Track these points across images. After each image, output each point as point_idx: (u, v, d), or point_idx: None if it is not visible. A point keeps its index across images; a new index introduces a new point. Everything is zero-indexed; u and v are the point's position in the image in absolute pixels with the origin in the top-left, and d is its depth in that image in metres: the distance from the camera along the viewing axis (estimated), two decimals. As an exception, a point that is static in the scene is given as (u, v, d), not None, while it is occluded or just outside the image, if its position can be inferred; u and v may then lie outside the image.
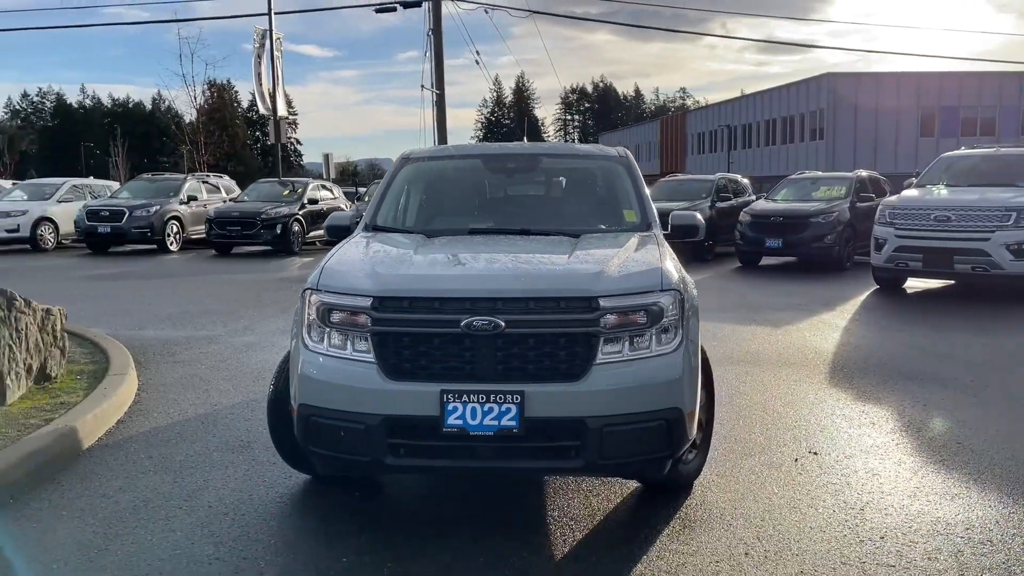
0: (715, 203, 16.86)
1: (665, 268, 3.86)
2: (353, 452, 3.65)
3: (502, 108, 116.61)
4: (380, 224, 4.89)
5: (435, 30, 23.81)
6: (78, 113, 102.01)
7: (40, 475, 4.42)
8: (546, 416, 3.51)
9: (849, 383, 6.43)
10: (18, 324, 5.66)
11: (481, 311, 3.53)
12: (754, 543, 3.63)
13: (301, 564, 3.47)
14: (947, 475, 4.44)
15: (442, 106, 24.07)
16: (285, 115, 22.04)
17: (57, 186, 20.47)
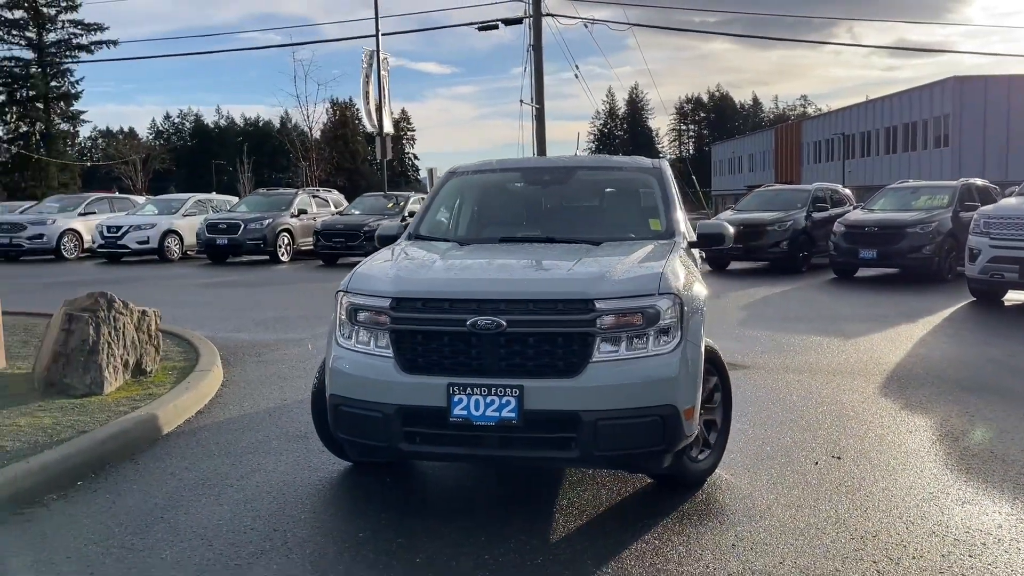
0: (810, 213, 16.57)
1: (666, 273, 4.07)
2: (373, 438, 4.05)
3: (614, 120, 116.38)
4: (422, 233, 5.30)
5: (535, 46, 24.31)
6: (213, 133, 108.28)
7: (122, 454, 5.02)
8: (543, 409, 3.80)
9: (900, 393, 6.39)
10: (116, 324, 6.36)
11: (486, 312, 3.86)
12: (745, 536, 3.79)
13: (321, 536, 3.88)
14: (967, 482, 4.45)
15: (541, 120, 24.52)
16: (391, 132, 22.98)
17: (183, 201, 22.06)
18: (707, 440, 4.50)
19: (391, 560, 3.61)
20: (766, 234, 15.97)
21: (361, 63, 22.57)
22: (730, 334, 9.13)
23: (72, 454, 4.68)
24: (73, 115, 68.95)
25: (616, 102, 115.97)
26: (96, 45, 67.55)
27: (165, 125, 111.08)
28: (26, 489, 4.30)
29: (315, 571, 3.51)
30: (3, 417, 5.38)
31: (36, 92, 65.83)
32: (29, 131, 66.81)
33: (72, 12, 67.17)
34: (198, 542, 3.80)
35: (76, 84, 68.28)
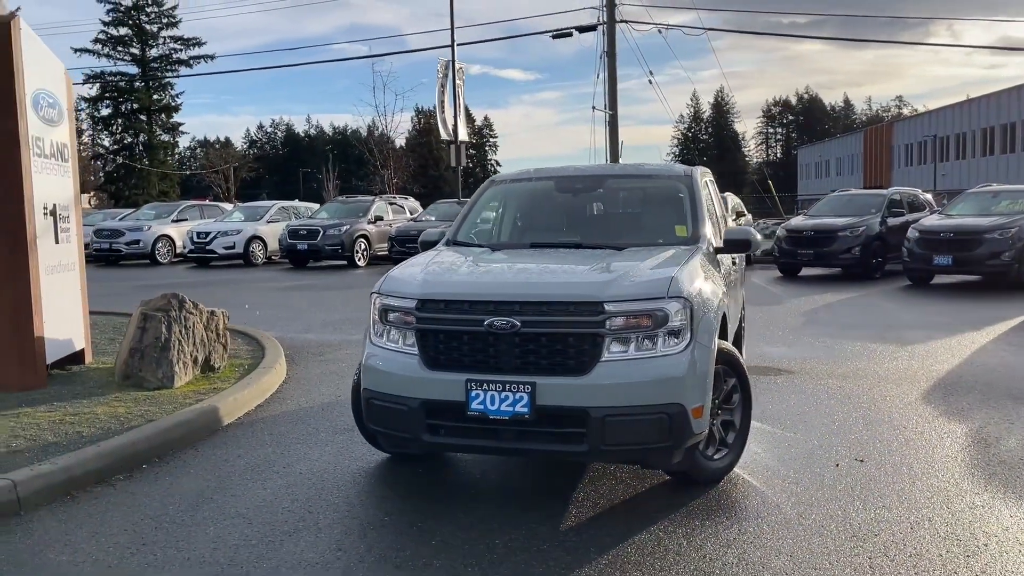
0: (885, 219, 16.24)
1: (677, 278, 4.26)
2: (399, 430, 4.37)
3: (699, 124, 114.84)
4: (459, 239, 5.60)
5: (609, 52, 24.45)
6: (303, 141, 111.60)
7: (184, 442, 5.47)
8: (554, 405, 4.04)
9: (943, 399, 6.36)
10: (186, 323, 6.87)
11: (502, 313, 4.13)
12: (748, 531, 3.94)
13: (350, 518, 4.20)
14: (986, 487, 4.47)
15: (614, 126, 24.63)
16: (466, 139, 23.49)
17: (267, 208, 23.04)
18: (724, 439, 4.65)
19: (408, 541, 3.90)
20: (837, 240, 15.74)
21: (437, 73, 23.18)
22: (783, 339, 9.15)
23: (138, 440, 5.15)
24: (173, 126, 72.14)
25: (701, 105, 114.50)
26: (194, 59, 70.66)
27: (258, 135, 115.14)
28: (96, 470, 4.77)
29: (338, 548, 3.82)
30: (83, 406, 5.91)
31: (139, 105, 69.19)
32: (133, 142, 70.25)
33: (172, 28, 70.37)
34: (240, 520, 4.17)
35: (176, 97, 71.44)
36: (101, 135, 71.16)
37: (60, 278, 7.03)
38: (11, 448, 4.96)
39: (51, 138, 6.94)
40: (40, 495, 4.41)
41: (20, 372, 6.42)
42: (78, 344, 7.35)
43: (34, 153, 6.59)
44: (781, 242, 16.54)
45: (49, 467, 4.57)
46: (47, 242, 6.78)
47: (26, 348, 6.41)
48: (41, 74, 6.82)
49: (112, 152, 69.86)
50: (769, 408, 6.20)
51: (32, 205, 6.46)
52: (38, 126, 6.70)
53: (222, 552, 3.79)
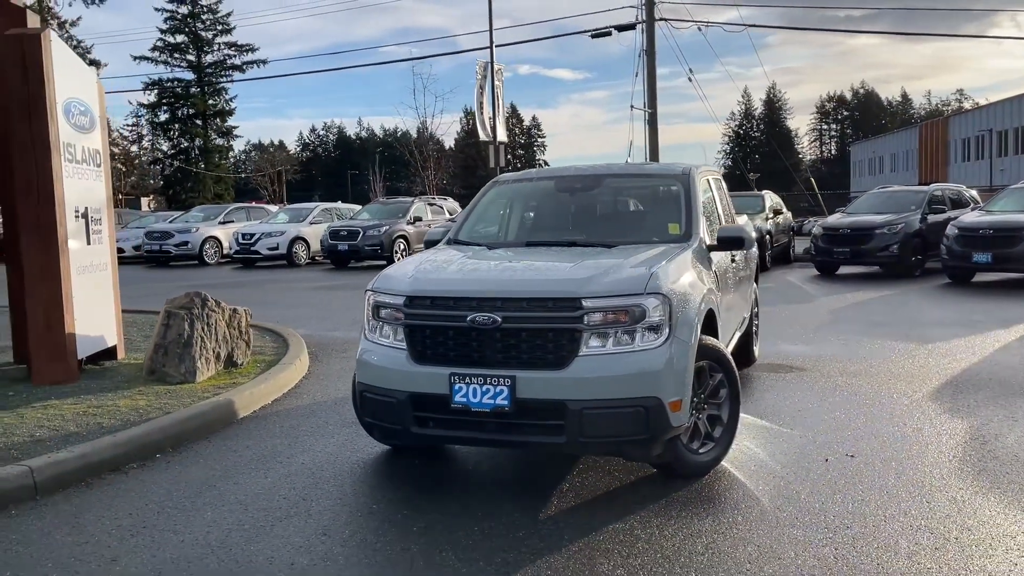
0: (926, 216, 15.96)
1: (656, 274, 4.35)
2: (390, 422, 4.55)
3: (751, 121, 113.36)
4: (460, 238, 5.76)
5: (648, 51, 24.40)
6: (355, 144, 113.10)
7: (199, 434, 5.73)
8: (533, 398, 4.17)
9: (952, 397, 6.32)
10: (209, 320, 7.15)
11: (484, 309, 4.28)
12: (723, 522, 4.02)
13: (341, 505, 4.39)
14: (973, 483, 4.47)
15: (654, 124, 24.58)
16: (504, 140, 23.67)
17: (310, 210, 23.54)
18: (710, 434, 4.73)
19: (391, 527, 4.07)
20: (874, 237, 15.52)
21: (476, 74, 23.40)
22: (804, 337, 9.12)
23: (153, 431, 5.41)
24: (227, 130, 73.87)
25: (752, 102, 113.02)
26: (248, 64, 72.25)
27: (311, 137, 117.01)
28: (111, 458, 5.04)
29: (324, 533, 4.01)
30: (108, 399, 6.22)
31: (195, 110, 71.03)
32: (189, 146, 72.13)
33: (227, 35, 72.08)
34: (237, 507, 4.38)
35: (230, 102, 73.19)
36: (160, 140, 73.11)
37: (92, 277, 7.37)
38: (35, 437, 5.26)
39: (83, 144, 7.29)
40: (56, 481, 4.69)
41: (52, 366, 6.77)
42: (110, 340, 7.69)
43: (65, 159, 6.93)
44: (817, 240, 16.36)
45: (66, 455, 4.85)
46: (79, 243, 7.12)
47: (58, 344, 6.75)
48: (73, 83, 7.16)
49: (169, 156, 71.77)
50: (772, 404, 6.24)
51: (64, 208, 6.80)
52: (70, 133, 7.04)
53: (215, 535, 4.01)
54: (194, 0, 71.25)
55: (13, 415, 5.77)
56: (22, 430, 5.41)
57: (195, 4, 71.33)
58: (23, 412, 5.85)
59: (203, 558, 3.76)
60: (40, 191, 6.65)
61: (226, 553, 3.80)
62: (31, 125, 6.62)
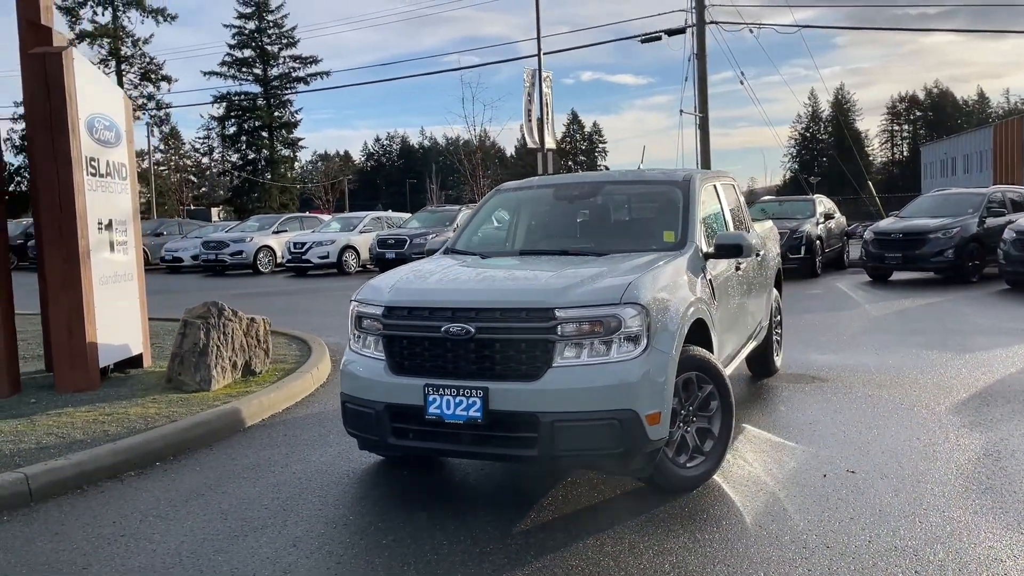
0: (984, 219, 15.34)
1: (635, 284, 4.24)
2: (368, 432, 4.54)
3: (817, 123, 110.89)
4: (457, 248, 5.72)
5: (699, 55, 24.07)
6: (417, 153, 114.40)
7: (203, 441, 5.81)
8: (506, 410, 4.10)
9: (976, 410, 6.02)
10: (225, 329, 7.26)
11: (459, 319, 4.23)
12: (700, 539, 3.88)
13: (318, 516, 4.37)
14: (973, 502, 4.24)
15: (705, 129, 24.21)
16: (553, 147, 23.60)
17: (361, 218, 23.84)
18: (700, 447, 4.59)
19: (360, 539, 4.05)
20: (928, 242, 14.97)
21: (523, 82, 23.41)
22: (835, 346, 8.83)
23: (154, 439, 5.51)
24: (292, 142, 75.51)
25: (819, 104, 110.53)
26: (312, 76, 73.79)
27: (375, 147, 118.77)
28: (109, 466, 5.14)
29: (294, 544, 4.00)
30: (120, 407, 6.35)
31: (261, 122, 72.84)
32: (256, 157, 73.97)
33: (291, 48, 73.77)
34: (217, 516, 4.42)
35: (295, 114, 74.86)
36: (229, 152, 75.13)
37: (117, 287, 7.56)
38: (40, 444, 5.40)
39: (108, 158, 7.49)
40: (52, 488, 4.79)
41: (74, 374, 6.95)
42: (135, 349, 7.87)
43: (88, 172, 7.13)
44: (868, 245, 15.86)
45: (63, 462, 4.96)
46: (102, 254, 7.31)
47: (79, 352, 6.93)
48: (97, 100, 7.37)
49: (237, 167, 73.70)
50: (783, 416, 6.05)
51: (85, 220, 6.99)
52: (93, 147, 7.24)
53: (188, 545, 4.04)
54: (261, 15, 73.18)
55: (26, 422, 5.94)
56: (31, 437, 5.56)
57: (262, 19, 73.23)
58: (37, 419, 6.02)
59: (170, 568, 3.79)
60: (62, 203, 6.85)
61: (193, 563, 3.83)
62: (53, 140, 6.83)
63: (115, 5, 65.23)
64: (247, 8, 72.96)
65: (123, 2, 65.27)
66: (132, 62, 66.54)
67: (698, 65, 24.09)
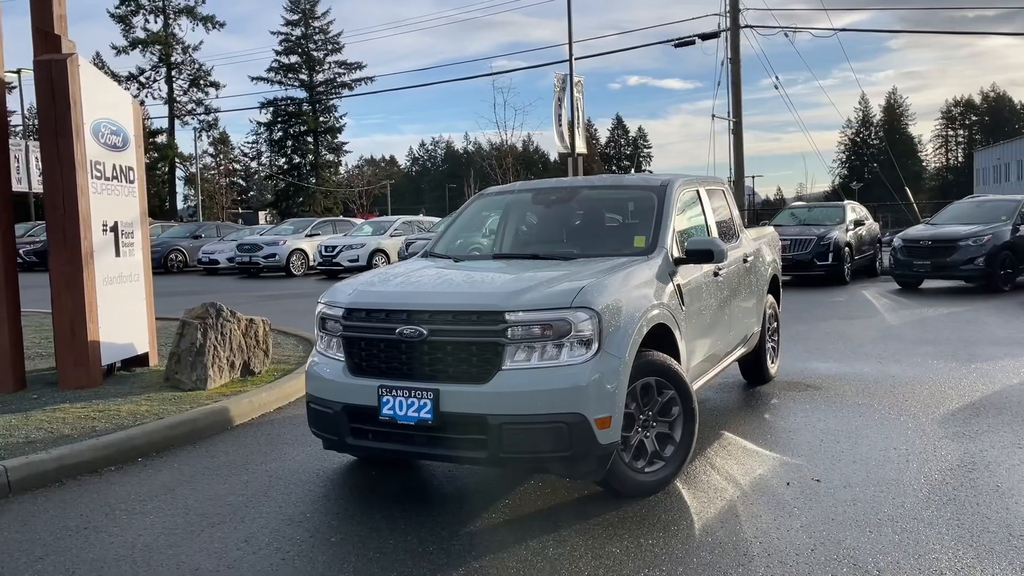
0: (1018, 227, 14.94)
1: (587, 288, 4.24)
2: (328, 432, 4.61)
3: (868, 128, 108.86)
4: (435, 251, 5.78)
5: (733, 59, 23.85)
6: (461, 157, 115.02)
7: (187, 439, 5.94)
8: (455, 412, 4.14)
9: (964, 421, 5.88)
10: (223, 330, 7.41)
11: (413, 321, 4.28)
12: (643, 545, 3.87)
13: (276, 513, 4.44)
14: (932, 515, 4.15)
15: (739, 135, 23.97)
16: (584, 152, 23.56)
17: (391, 223, 24.07)
18: (659, 453, 4.57)
19: (311, 538, 4.10)
20: (958, 250, 14.62)
21: (554, 87, 23.44)
22: (839, 355, 8.69)
23: (136, 436, 5.65)
24: (337, 146, 76.59)
25: (871, 108, 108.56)
26: (356, 82, 74.75)
27: (420, 152, 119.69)
28: (90, 461, 5.28)
29: (245, 540, 4.07)
30: (114, 404, 6.52)
31: (307, 127, 74.00)
32: (301, 162, 75.15)
33: (336, 54, 74.82)
34: (180, 511, 4.52)
35: (339, 119, 75.93)
36: (277, 156, 76.40)
37: (122, 288, 7.76)
38: (28, 438, 5.57)
39: (114, 162, 7.70)
40: (31, 481, 4.95)
41: (76, 372, 7.16)
42: (141, 348, 8.07)
43: (93, 176, 7.34)
44: (896, 253, 15.54)
45: (44, 456, 5.11)
46: (107, 255, 7.52)
47: (80, 350, 7.13)
48: (104, 105, 7.59)
49: (282, 172, 74.92)
50: (764, 423, 5.98)
51: (88, 222, 7.20)
52: (99, 151, 7.45)
53: (144, 539, 4.14)
54: (307, 22, 74.37)
55: (21, 417, 6.13)
56: (21, 432, 5.73)
57: (308, 26, 74.42)
58: (32, 414, 6.21)
59: (119, 560, 3.89)
60: (65, 206, 7.07)
61: (143, 556, 3.93)
62: (57, 144, 7.05)
63: (166, 13, 66.85)
64: (294, 15, 74.24)
65: (174, 10, 66.89)
66: (182, 69, 68.08)
67: (732, 70, 23.88)
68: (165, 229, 29.37)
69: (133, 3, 65.37)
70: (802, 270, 16.87)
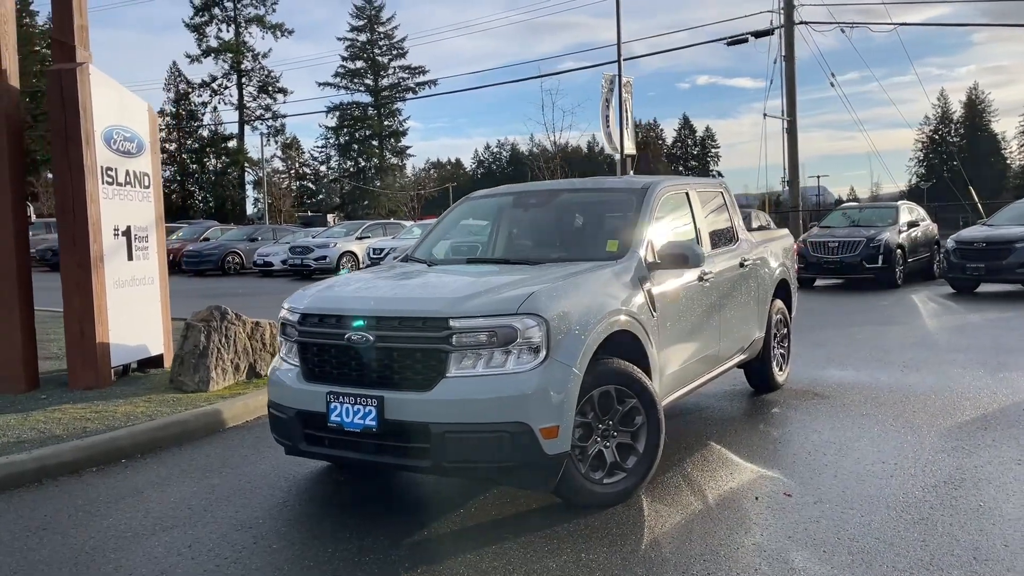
0: (1080, 227, 14.16)
1: (536, 295, 4.13)
2: (284, 437, 4.60)
3: (948, 125, 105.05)
4: (415, 256, 5.73)
5: (787, 57, 23.27)
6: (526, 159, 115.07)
7: (177, 441, 6.01)
8: (399, 419, 4.08)
9: (970, 435, 5.55)
10: (227, 332, 7.50)
11: (362, 328, 4.23)
12: (580, 560, 3.73)
13: (228, 519, 4.43)
14: (897, 535, 3.91)
15: (793, 134, 23.36)
16: (632, 153, 23.28)
17: (439, 225, 24.15)
18: (620, 464, 4.42)
19: (255, 544, 4.07)
20: (1013, 252, 13.92)
21: (601, 88, 23.19)
22: (861, 362, 8.34)
23: (121, 437, 5.74)
24: (400, 150, 77.58)
25: (950, 105, 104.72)
26: (419, 86, 75.59)
27: (485, 155, 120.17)
28: (71, 462, 5.38)
29: (190, 545, 4.07)
30: (112, 405, 6.65)
31: (371, 131, 75.15)
32: (366, 166, 76.35)
33: (401, 59, 75.81)
34: (139, 514, 4.55)
35: (403, 123, 76.88)
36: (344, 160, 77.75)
37: (135, 291, 7.92)
38: (18, 438, 5.71)
39: (127, 168, 7.87)
40: (9, 480, 5.06)
41: (85, 372, 7.33)
42: (155, 350, 8.23)
43: (104, 181, 7.52)
44: (950, 255, 14.89)
45: (24, 457, 5.23)
46: (118, 259, 7.69)
47: (89, 352, 7.30)
48: (117, 112, 7.76)
49: (348, 175, 76.20)
50: (756, 434, 5.76)
51: (98, 227, 7.37)
52: (110, 157, 7.63)
53: (93, 542, 4.18)
54: (372, 27, 75.51)
55: (20, 417, 6.30)
56: (15, 431, 5.88)
57: (373, 31, 75.55)
58: (32, 414, 6.37)
59: (61, 563, 3.93)
60: (75, 210, 7.25)
61: (88, 559, 3.96)
62: (68, 151, 7.24)
63: (237, 22, 68.68)
64: (359, 21, 75.47)
65: (245, 19, 68.68)
66: (251, 76, 69.85)
67: (786, 67, 23.30)
68: (224, 232, 30.11)
69: (207, 13, 67.47)
70: (851, 273, 16.33)
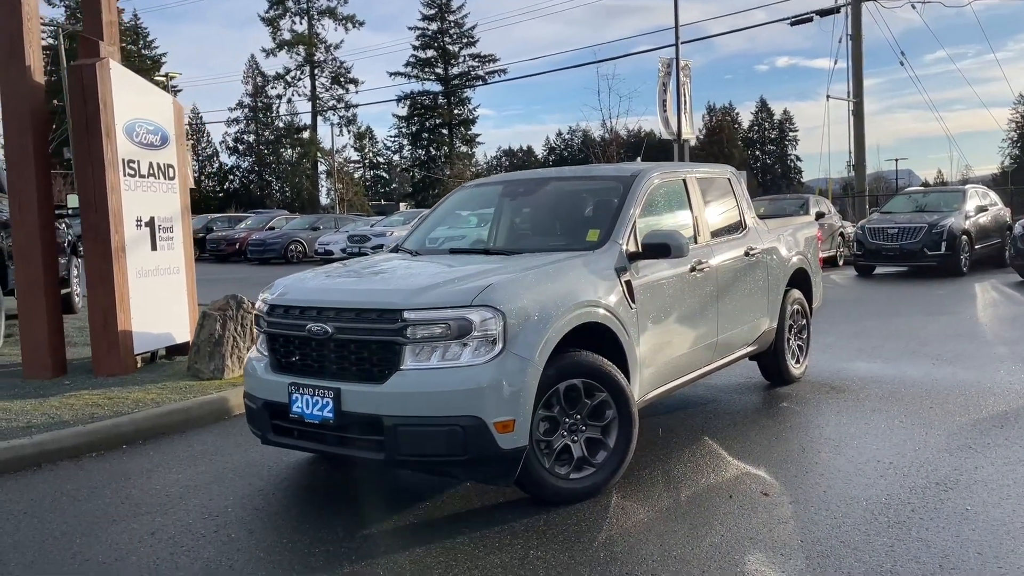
0: None
1: (494, 286, 4.04)
2: (255, 427, 4.63)
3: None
4: (405, 246, 5.69)
5: (854, 36, 22.43)
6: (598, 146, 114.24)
7: (180, 427, 6.12)
8: (355, 412, 4.05)
9: (981, 434, 5.23)
10: (243, 322, 7.62)
11: (322, 319, 4.22)
12: (527, 557, 3.64)
13: (197, 508, 4.47)
14: (869, 537, 3.70)
15: (860, 115, 22.51)
16: (690, 138, 22.80)
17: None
18: (588, 459, 4.31)
19: (215, 534, 4.09)
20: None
21: (658, 72, 22.75)
22: (892, 355, 7.98)
23: (123, 423, 5.87)
24: (470, 138, 77.85)
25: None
26: (490, 74, 75.66)
27: (557, 141, 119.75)
28: (72, 447, 5.53)
29: (152, 534, 4.12)
30: (127, 391, 6.82)
31: (442, 120, 75.63)
32: (436, 154, 76.94)
33: (471, 47, 75.98)
34: (116, 502, 4.63)
35: (473, 111, 77.11)
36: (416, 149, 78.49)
37: (159, 280, 8.11)
38: (28, 423, 5.90)
39: (150, 160, 8.05)
40: (10, 465, 5.22)
41: (109, 360, 7.54)
42: (180, 338, 8.42)
43: (127, 174, 7.70)
44: (1016, 241, 14.15)
45: (24, 441, 5.40)
46: (141, 249, 7.88)
47: (112, 339, 7.51)
48: (140, 106, 7.94)
49: (419, 164, 76.95)
50: (756, 429, 5.56)
51: (120, 218, 7.56)
52: (133, 150, 7.81)
53: (68, 527, 4.26)
54: (443, 16, 75.85)
55: (37, 402, 6.51)
56: (28, 416, 6.08)
57: (443, 20, 75.88)
58: (49, 400, 6.58)
59: (29, 547, 4.02)
60: (96, 203, 7.45)
61: (53, 544, 4.04)
62: (89, 144, 7.43)
63: (310, 15, 69.90)
64: (430, 10, 75.88)
65: (317, 11, 69.85)
66: (324, 67, 71.03)
67: (852, 47, 22.47)
68: (288, 221, 30.72)
69: (280, 7, 68.85)
70: (911, 260, 15.68)
